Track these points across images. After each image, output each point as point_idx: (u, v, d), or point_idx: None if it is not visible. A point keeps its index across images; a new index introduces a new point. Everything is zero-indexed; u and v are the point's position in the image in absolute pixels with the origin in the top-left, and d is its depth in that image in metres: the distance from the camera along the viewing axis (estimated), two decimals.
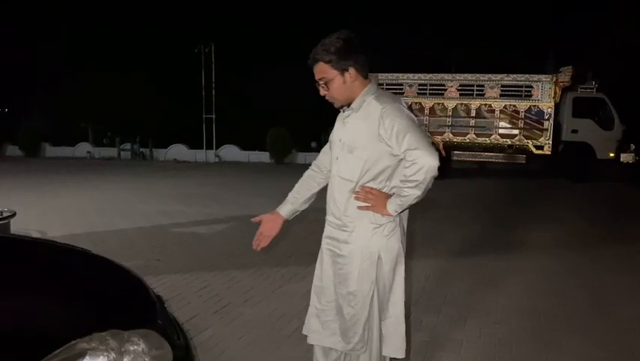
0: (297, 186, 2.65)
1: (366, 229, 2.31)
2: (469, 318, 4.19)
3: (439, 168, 2.19)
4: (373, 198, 2.28)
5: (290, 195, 2.64)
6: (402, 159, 2.25)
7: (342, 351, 2.44)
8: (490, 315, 4.27)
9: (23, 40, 27.11)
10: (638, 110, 16.68)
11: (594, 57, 18.34)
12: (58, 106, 25.27)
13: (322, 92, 2.33)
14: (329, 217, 2.44)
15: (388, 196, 2.28)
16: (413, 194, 2.20)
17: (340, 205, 2.35)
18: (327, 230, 2.46)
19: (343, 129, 2.38)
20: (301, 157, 18.98)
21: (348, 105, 2.36)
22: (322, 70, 2.28)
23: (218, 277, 5.13)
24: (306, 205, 2.65)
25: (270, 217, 2.61)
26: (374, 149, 2.25)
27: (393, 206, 2.25)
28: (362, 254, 2.31)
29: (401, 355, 2.41)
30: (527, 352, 3.59)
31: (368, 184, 2.30)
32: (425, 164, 2.15)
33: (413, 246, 6.53)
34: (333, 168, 2.41)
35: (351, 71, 2.27)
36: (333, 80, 2.27)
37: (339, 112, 2.45)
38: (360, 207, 2.30)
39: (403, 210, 2.32)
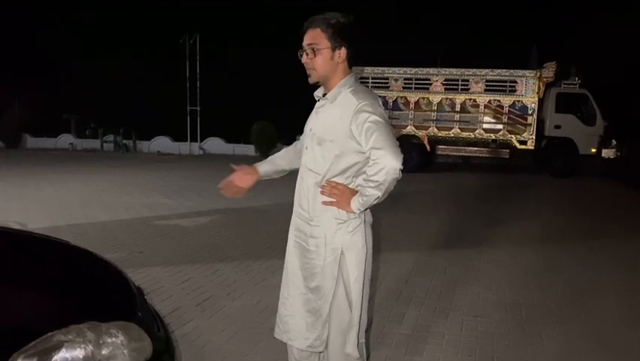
0: (283, 151, 2.65)
1: (330, 223, 2.27)
2: (451, 311, 4.23)
3: (424, 162, 2.17)
4: (338, 193, 2.24)
5: (274, 157, 2.64)
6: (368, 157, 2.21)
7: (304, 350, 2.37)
8: (472, 308, 4.30)
9: (3, 30, 26.63)
10: (619, 106, 16.92)
11: (578, 53, 18.50)
12: (39, 96, 24.92)
13: (305, 58, 2.26)
14: (297, 208, 2.40)
15: (354, 193, 2.24)
16: (374, 194, 2.17)
17: (309, 197, 2.31)
18: (295, 222, 2.42)
19: (315, 119, 2.34)
20: None
21: (323, 93, 2.32)
22: (316, 36, 2.21)
23: (201, 269, 5.11)
24: (279, 175, 2.66)
25: (248, 169, 2.61)
26: (343, 144, 2.21)
27: (356, 204, 2.22)
28: (326, 249, 2.27)
29: (354, 354, 2.30)
30: (508, 344, 3.63)
31: (335, 179, 2.26)
32: (387, 165, 2.12)
33: (396, 239, 6.57)
34: (302, 158, 2.37)
35: (343, 51, 2.23)
36: (322, 50, 2.21)
37: (316, 102, 2.41)
38: (324, 203, 2.26)
39: (366, 210, 2.29)
